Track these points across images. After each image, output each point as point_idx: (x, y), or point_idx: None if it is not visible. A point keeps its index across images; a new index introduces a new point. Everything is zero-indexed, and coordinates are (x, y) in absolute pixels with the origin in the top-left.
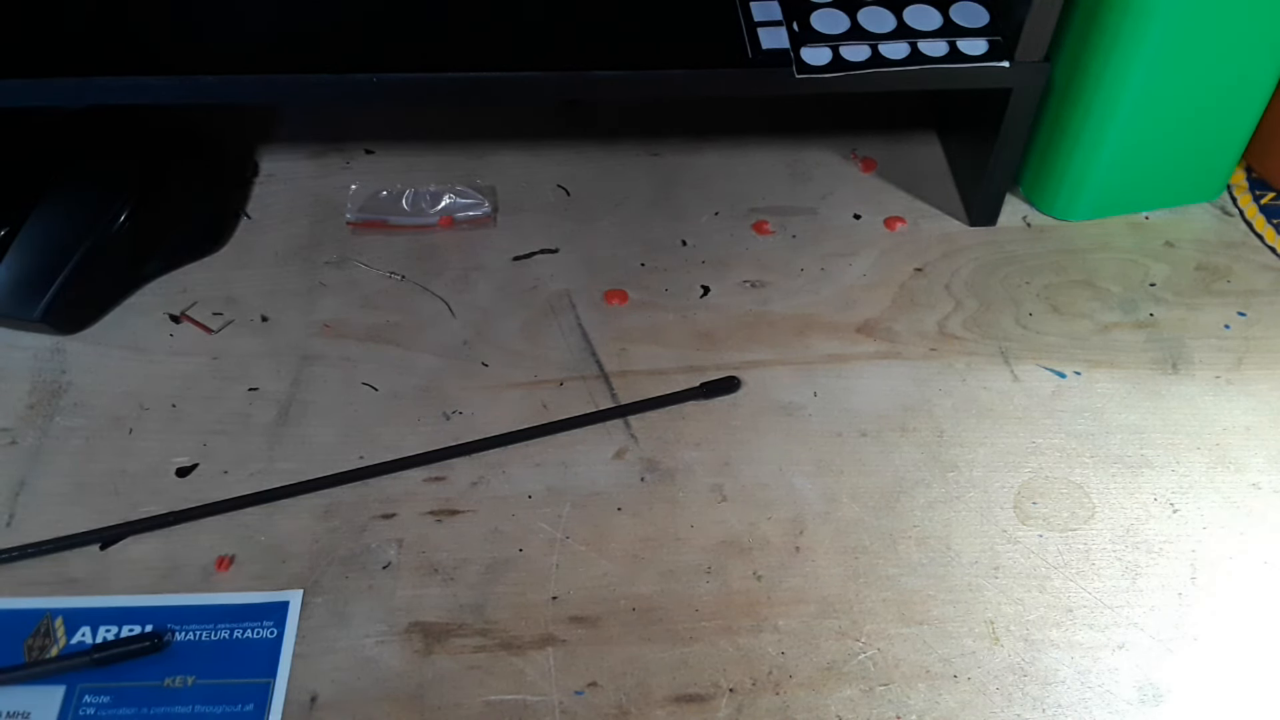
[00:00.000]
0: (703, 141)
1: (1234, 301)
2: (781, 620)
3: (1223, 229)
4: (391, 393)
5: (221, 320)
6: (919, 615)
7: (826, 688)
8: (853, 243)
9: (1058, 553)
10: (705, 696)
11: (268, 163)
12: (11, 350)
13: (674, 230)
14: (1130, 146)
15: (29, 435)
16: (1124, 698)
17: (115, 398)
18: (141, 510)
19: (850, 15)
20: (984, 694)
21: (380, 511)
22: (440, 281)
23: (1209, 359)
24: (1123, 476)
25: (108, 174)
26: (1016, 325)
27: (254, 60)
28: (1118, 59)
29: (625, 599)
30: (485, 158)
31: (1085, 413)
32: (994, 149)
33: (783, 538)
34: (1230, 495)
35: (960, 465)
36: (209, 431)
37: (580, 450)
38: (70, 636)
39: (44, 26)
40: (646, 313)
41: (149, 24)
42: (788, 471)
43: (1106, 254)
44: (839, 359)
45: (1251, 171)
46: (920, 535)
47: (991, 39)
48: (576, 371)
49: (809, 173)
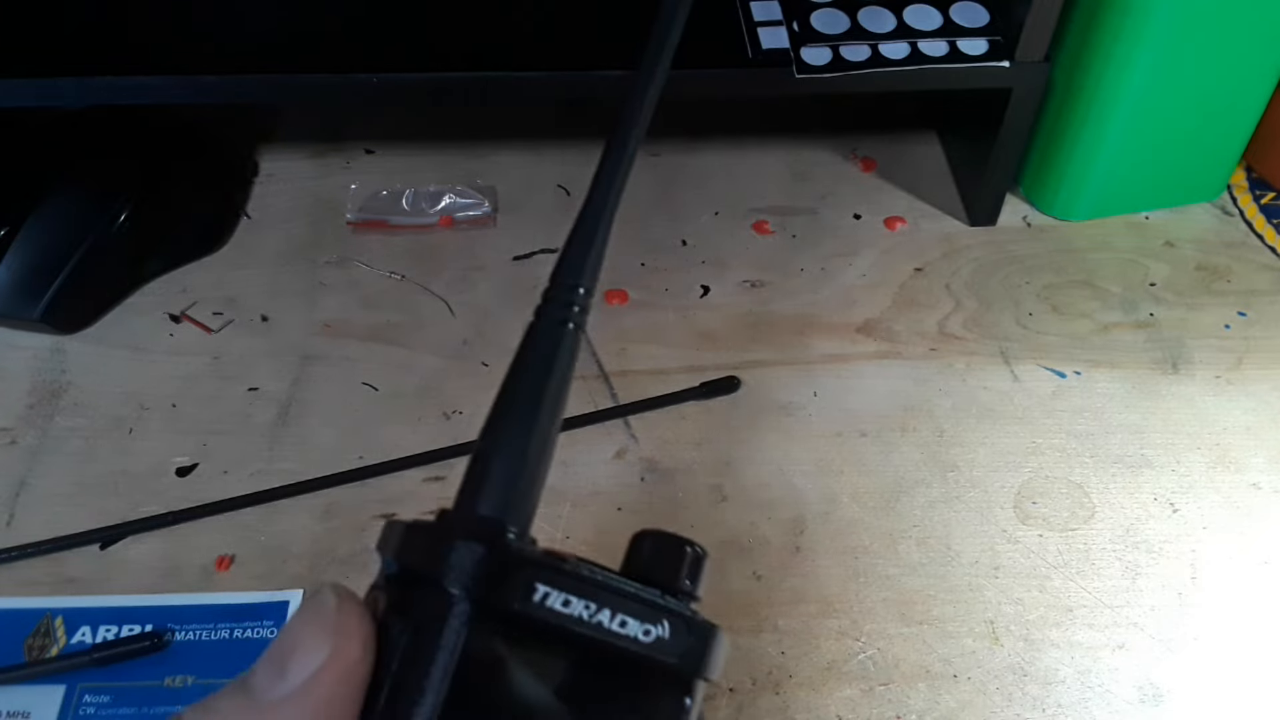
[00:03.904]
0: (702, 141)
1: (1234, 301)
2: (781, 620)
3: (1223, 229)
4: (392, 392)
5: (221, 320)
6: (919, 615)
7: (826, 687)
8: (853, 243)
9: (1058, 552)
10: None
11: (268, 162)
12: (11, 350)
13: (674, 230)
14: (1130, 146)
15: (29, 435)
16: (1124, 697)
17: (115, 397)
18: (141, 510)
19: (850, 15)
20: (984, 694)
21: (380, 511)
22: (440, 281)
23: (1209, 359)
24: (1123, 476)
25: (108, 174)
26: (1016, 325)
27: (254, 60)
28: (1118, 59)
29: None
30: (485, 158)
31: (1085, 412)
32: (994, 149)
33: (783, 537)
34: (1230, 495)
35: (960, 465)
36: (209, 431)
37: (580, 450)
38: (70, 636)
39: (44, 26)
40: (646, 312)
41: (149, 24)
42: (788, 471)
43: (1106, 254)
44: (839, 359)
45: (1252, 171)
46: (920, 535)
47: (992, 39)
48: (576, 371)
49: (809, 173)
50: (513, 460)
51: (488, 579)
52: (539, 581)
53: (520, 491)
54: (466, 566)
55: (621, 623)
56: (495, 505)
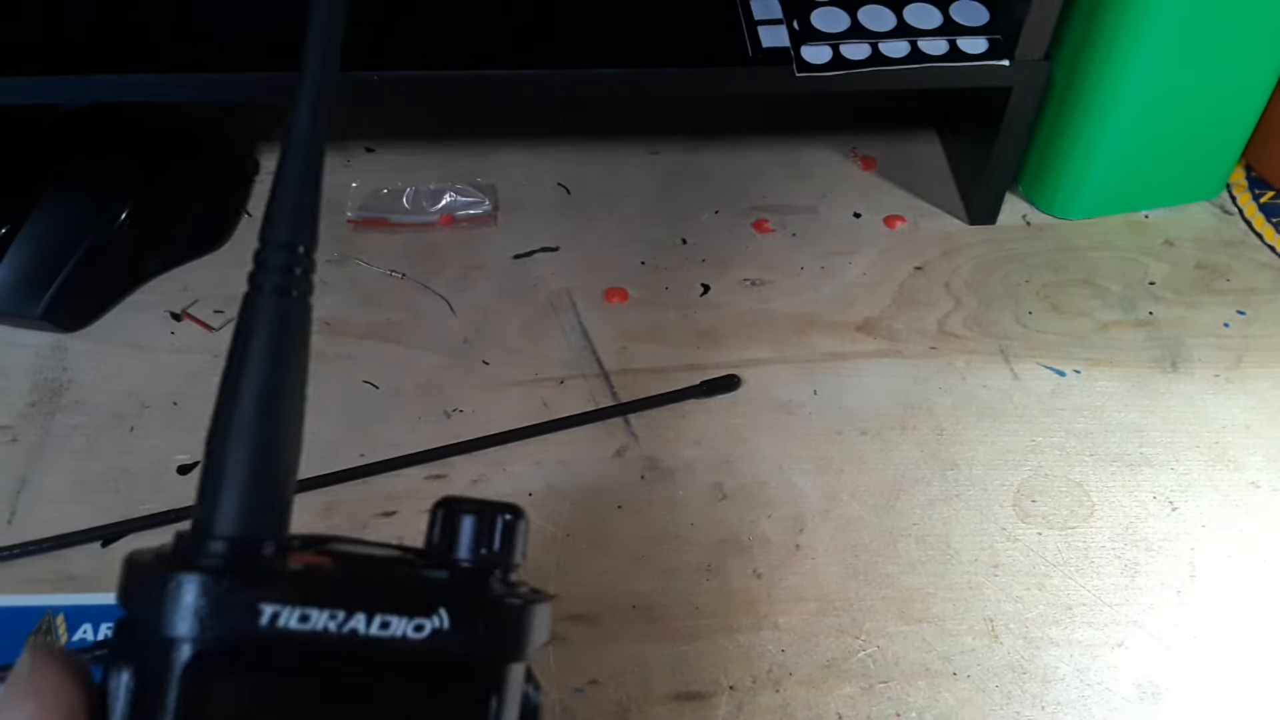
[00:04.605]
0: (703, 140)
1: (1233, 300)
2: (781, 618)
3: (1222, 227)
4: (392, 390)
5: (223, 318)
6: (919, 613)
7: (826, 685)
8: (853, 241)
9: (1057, 551)
10: (705, 694)
11: (268, 161)
12: (12, 348)
13: (674, 229)
14: (1130, 145)
15: (30, 433)
16: (1123, 695)
17: (117, 395)
18: (143, 508)
19: (850, 13)
20: (983, 691)
21: (381, 509)
22: (441, 279)
23: (1208, 357)
24: (1122, 474)
25: (109, 172)
26: (1016, 324)
27: (254, 59)
28: (1118, 57)
29: (625, 597)
30: (486, 156)
31: (1085, 411)
32: (994, 147)
33: (782, 536)
34: (1229, 493)
35: (960, 463)
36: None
37: (581, 448)
38: (72, 634)
39: (44, 25)
40: (647, 311)
41: (150, 22)
42: (788, 470)
43: (1106, 252)
44: (839, 357)
45: (1251, 170)
46: (920, 533)
47: (991, 37)
48: (577, 369)
49: (809, 171)
50: (241, 467)
51: (211, 613)
52: (264, 601)
53: (258, 498)
54: (187, 602)
55: (383, 624)
56: (232, 521)
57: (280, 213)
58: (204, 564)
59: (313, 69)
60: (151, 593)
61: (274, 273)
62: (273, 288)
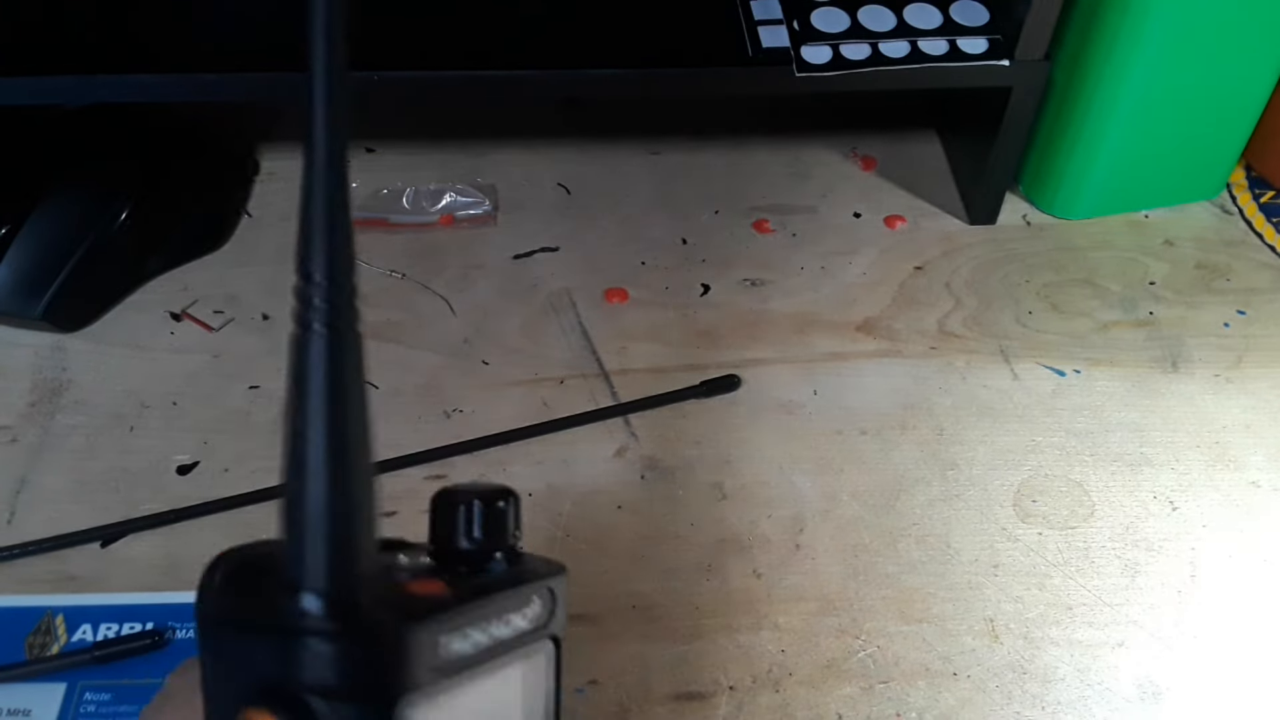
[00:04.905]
0: (703, 140)
1: (1233, 300)
2: (781, 618)
3: (1222, 227)
4: (392, 390)
5: (222, 318)
6: (919, 613)
7: (826, 685)
8: (853, 241)
9: (1057, 550)
10: (705, 694)
11: (269, 161)
12: (12, 348)
13: (674, 229)
14: (1130, 145)
15: (30, 433)
16: (1123, 695)
17: (116, 395)
18: (142, 508)
19: (850, 14)
20: (984, 691)
21: (382, 509)
22: (441, 280)
23: (1208, 357)
24: (1122, 474)
25: (109, 172)
26: (1016, 323)
27: (254, 59)
28: (1118, 57)
29: (625, 596)
30: (486, 156)
31: (1085, 411)
32: (994, 147)
33: (783, 536)
34: (1229, 493)
35: (960, 463)
36: (210, 429)
37: (581, 448)
38: (71, 634)
39: (45, 25)
40: (647, 311)
41: (150, 22)
42: (788, 470)
43: (1106, 252)
44: (839, 357)
45: (1251, 170)
46: (920, 533)
47: (991, 37)
48: (577, 369)
49: (809, 171)
50: (358, 510)
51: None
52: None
53: (348, 544)
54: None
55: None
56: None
57: (317, 247)
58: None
59: (320, 86)
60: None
61: (307, 310)
62: (312, 327)
